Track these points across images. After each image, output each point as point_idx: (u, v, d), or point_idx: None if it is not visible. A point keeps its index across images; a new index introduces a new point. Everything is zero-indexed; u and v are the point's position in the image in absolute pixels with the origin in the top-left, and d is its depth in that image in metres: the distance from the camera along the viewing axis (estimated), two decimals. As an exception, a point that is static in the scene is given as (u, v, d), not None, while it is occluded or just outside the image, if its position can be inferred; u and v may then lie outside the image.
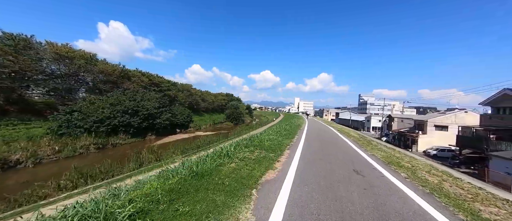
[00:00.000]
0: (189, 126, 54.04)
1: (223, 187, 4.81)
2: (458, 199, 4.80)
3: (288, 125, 24.55)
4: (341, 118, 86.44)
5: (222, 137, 33.38)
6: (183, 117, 51.08)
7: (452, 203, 4.48)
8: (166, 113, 40.26)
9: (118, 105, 32.77)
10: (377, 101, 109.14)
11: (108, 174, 14.69)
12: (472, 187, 5.88)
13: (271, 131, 17.98)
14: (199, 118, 69.74)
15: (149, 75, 49.70)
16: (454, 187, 5.75)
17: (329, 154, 8.29)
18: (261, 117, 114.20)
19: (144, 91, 42.15)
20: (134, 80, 43.59)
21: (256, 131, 35.29)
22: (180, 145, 28.28)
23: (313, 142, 12.20)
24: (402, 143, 34.69)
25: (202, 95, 78.76)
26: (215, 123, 75.80)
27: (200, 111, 78.74)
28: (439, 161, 23.23)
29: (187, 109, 57.00)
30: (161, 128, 39.28)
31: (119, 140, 31.00)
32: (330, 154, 8.43)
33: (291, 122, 26.92)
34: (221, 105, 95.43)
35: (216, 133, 51.52)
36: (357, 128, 66.97)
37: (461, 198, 4.85)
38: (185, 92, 64.53)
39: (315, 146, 10.98)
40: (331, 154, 8.83)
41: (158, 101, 39.42)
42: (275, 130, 18.76)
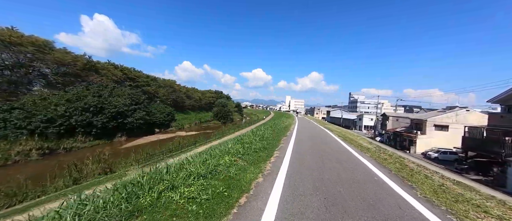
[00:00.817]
0: (170, 125, 49.23)
1: None
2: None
3: (273, 127, 20.62)
4: (332, 116, 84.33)
5: (203, 138, 29.27)
6: (163, 115, 46.17)
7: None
8: (140, 110, 35.38)
9: (77, 102, 27.67)
10: (367, 99, 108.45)
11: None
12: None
13: (248, 137, 14.27)
14: (183, 117, 64.77)
15: (123, 69, 44.28)
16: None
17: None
18: (251, 115, 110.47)
19: (115, 86, 36.96)
20: (104, 74, 38.19)
21: (239, 132, 31.47)
22: (149, 149, 23.91)
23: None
24: (398, 144, 32.07)
25: (187, 92, 73.63)
26: (201, 121, 71.00)
27: (186, 109, 73.64)
28: (441, 165, 20.54)
29: (169, 107, 52.05)
30: (134, 128, 34.42)
31: (76, 142, 26.00)
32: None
33: (276, 123, 22.47)
34: (210, 103, 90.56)
35: (199, 133, 47.11)
36: (349, 126, 64.75)
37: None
38: (167, 89, 59.36)
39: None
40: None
41: (130, 97, 34.44)
42: (257, 133, 15.04)
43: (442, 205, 3.87)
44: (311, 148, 9.31)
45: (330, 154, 8.23)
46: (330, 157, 7.80)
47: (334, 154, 8.42)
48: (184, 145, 23.79)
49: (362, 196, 4.13)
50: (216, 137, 29.43)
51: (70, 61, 31.35)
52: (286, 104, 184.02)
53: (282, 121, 26.60)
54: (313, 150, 8.92)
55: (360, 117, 59.42)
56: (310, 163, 6.72)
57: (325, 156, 7.91)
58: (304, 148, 9.36)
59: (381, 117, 42.76)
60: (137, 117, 34.19)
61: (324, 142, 11.54)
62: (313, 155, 7.87)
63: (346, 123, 67.80)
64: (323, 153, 8.45)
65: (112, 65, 41.97)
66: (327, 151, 8.96)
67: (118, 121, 31.68)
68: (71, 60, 31.68)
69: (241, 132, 33.31)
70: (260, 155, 7.54)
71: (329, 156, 7.95)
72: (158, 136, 39.74)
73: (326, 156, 7.84)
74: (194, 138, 35.64)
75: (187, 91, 73.60)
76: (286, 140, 11.63)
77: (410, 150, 28.28)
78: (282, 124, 22.27)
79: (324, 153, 8.35)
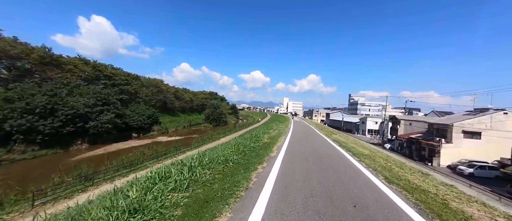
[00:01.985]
0: (151, 129, 43.45)
1: None
2: None
3: (254, 138, 14.83)
4: (332, 119, 78.97)
5: (181, 146, 23.63)
6: (142, 118, 40.36)
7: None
8: (108, 112, 29.52)
9: (19, 101, 21.83)
10: (367, 101, 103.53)
11: None
12: None
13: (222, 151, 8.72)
14: (171, 119, 58.91)
15: (96, 65, 38.44)
16: None
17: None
18: (247, 117, 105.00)
19: (80, 84, 31.12)
20: (68, 70, 32.34)
21: (223, 140, 25.81)
22: (113, 159, 18.31)
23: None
24: (415, 153, 26.65)
25: (176, 93, 67.80)
26: (191, 124, 65.19)
27: (175, 110, 67.76)
28: (482, 186, 15.14)
29: (152, 108, 46.26)
30: (101, 133, 28.58)
31: (12, 153, 20.13)
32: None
33: (256, 134, 15.80)
34: (203, 104, 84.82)
35: (183, 137, 41.41)
36: (350, 130, 59.44)
37: None
38: (151, 88, 53.53)
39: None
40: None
41: (96, 97, 28.61)
42: (234, 146, 9.51)
43: None
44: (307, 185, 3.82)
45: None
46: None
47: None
48: (147, 157, 18.09)
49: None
50: (194, 146, 23.78)
51: (18, 53, 25.51)
52: (284, 106, 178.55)
53: (266, 131, 20.86)
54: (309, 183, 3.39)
55: (363, 120, 54.07)
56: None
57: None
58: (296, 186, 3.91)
59: (388, 120, 37.33)
60: (103, 120, 28.33)
61: (334, 168, 6.05)
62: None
63: (347, 126, 62.45)
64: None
65: (81, 60, 36.11)
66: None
67: (77, 125, 25.83)
68: (20, 51, 25.84)
69: (226, 138, 27.68)
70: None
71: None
72: (134, 142, 33.88)
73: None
74: (173, 144, 30.12)
75: (176, 92, 67.79)
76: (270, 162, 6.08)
77: (433, 162, 22.82)
78: (260, 137, 16.64)
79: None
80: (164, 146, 25.34)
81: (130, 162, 15.91)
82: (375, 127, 52.00)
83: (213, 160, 6.79)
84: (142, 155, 18.92)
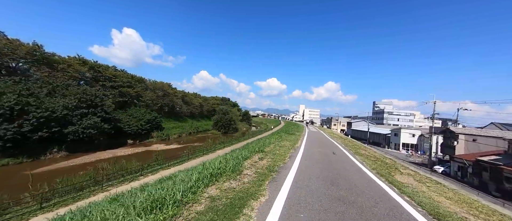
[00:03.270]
0: (150, 135, 39.41)
1: None
2: None
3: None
4: (355, 129, 69.18)
5: (166, 160, 18.40)
6: (140, 122, 36.47)
7: None
8: (93, 116, 25.58)
9: (-21, 101, 18.46)
10: (396, 110, 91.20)
11: None
12: None
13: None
14: (176, 125, 55.12)
15: (95, 65, 35.77)
16: None
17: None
18: (261, 125, 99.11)
19: (68, 85, 27.97)
20: (61, 69, 29.62)
21: (229, 148, 20.21)
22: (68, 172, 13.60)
23: None
24: (491, 185, 18.05)
25: (185, 97, 64.47)
26: (198, 130, 60.92)
27: (184, 116, 64.35)
28: None
29: (154, 112, 42.58)
30: (85, 139, 24.66)
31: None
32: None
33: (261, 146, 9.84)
34: (214, 110, 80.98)
35: (185, 145, 36.56)
36: (378, 143, 49.90)
37: None
38: (158, 92, 50.39)
39: None
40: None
41: (78, 97, 24.89)
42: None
43: None
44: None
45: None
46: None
47: None
48: (103, 175, 12.85)
49: None
50: (178, 161, 18.22)
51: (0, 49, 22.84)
52: (300, 113, 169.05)
53: (277, 140, 14.43)
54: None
55: (396, 132, 44.52)
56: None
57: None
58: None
59: (438, 134, 28.29)
60: (85, 125, 24.33)
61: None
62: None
63: (374, 138, 52.87)
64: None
65: (79, 60, 33.56)
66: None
67: (51, 129, 21.99)
68: (1, 46, 23.20)
69: (231, 147, 21.92)
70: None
71: None
72: (122, 150, 29.60)
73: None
74: (172, 152, 25.34)
75: (184, 96, 64.47)
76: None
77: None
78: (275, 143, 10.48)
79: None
80: (157, 155, 20.31)
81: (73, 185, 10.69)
82: (411, 140, 42.30)
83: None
84: (95, 173, 13.77)
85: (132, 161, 19.39)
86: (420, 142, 41.45)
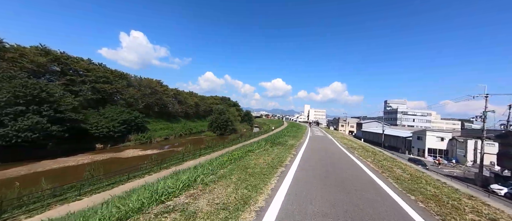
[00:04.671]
0: (127, 138, 33.59)
1: None
2: None
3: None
4: (366, 130, 61.31)
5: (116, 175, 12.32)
6: (113, 123, 30.69)
7: None
8: (34, 115, 19.81)
9: None
10: (411, 109, 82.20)
11: None
12: None
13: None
14: (166, 126, 49.36)
15: (61, 56, 30.31)
16: None
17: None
18: (263, 126, 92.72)
19: (14, 77, 22.40)
20: (12, 60, 24.21)
21: (201, 159, 14.00)
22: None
23: None
24: None
25: (178, 96, 58.76)
26: (191, 132, 55.02)
27: (176, 116, 58.69)
28: None
29: (135, 112, 36.88)
30: (22, 144, 18.98)
31: None
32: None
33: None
34: (212, 110, 75.20)
35: (166, 151, 30.57)
36: (396, 148, 42.17)
37: None
38: (144, 89, 44.73)
39: None
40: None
41: (13, 92, 19.17)
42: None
43: None
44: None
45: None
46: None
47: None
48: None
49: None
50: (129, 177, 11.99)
51: None
52: (305, 114, 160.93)
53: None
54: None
55: (420, 135, 36.73)
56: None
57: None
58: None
59: (494, 139, 20.68)
60: (20, 127, 18.54)
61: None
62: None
63: (390, 142, 45.10)
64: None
65: (38, 49, 28.12)
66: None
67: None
68: None
69: (208, 156, 15.66)
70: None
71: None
72: (85, 157, 23.80)
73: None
74: (138, 161, 19.54)
75: (177, 94, 58.77)
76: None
77: None
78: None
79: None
80: (125, 163, 14.27)
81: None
82: (439, 145, 34.48)
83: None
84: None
85: (61, 177, 13.32)
86: (451, 147, 33.62)
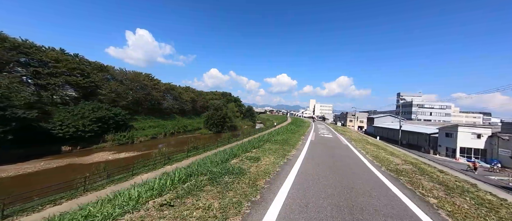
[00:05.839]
0: (103, 138, 29.10)
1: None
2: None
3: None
4: (378, 126, 54.74)
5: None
6: (83, 122, 26.14)
7: None
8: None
9: None
10: (427, 102, 74.30)
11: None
12: None
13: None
14: (156, 123, 44.80)
15: (22, 44, 25.82)
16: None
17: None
18: (266, 122, 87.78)
19: None
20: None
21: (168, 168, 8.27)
22: None
23: None
24: None
25: (172, 91, 54.03)
26: (186, 130, 50.38)
27: (171, 113, 54.18)
28: None
29: (117, 108, 32.34)
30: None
31: None
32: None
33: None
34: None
35: (139, 154, 25.83)
36: (418, 146, 35.82)
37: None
38: (128, 83, 40.06)
39: None
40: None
41: None
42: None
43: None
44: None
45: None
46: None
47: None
48: None
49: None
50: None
51: None
52: (310, 109, 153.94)
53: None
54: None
55: (449, 131, 30.19)
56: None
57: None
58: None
59: None
60: None
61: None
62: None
63: (410, 139, 38.69)
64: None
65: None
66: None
67: None
68: None
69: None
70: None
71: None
72: (37, 163, 19.29)
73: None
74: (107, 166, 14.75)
75: (171, 89, 54.05)
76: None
77: None
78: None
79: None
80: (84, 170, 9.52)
81: None
82: (476, 143, 27.99)
83: None
84: None
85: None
86: (490, 146, 27.11)
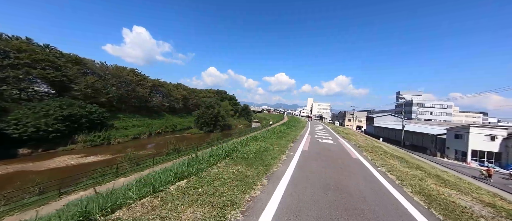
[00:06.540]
0: (73, 139, 25.70)
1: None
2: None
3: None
4: (378, 125, 51.97)
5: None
6: (46, 120, 22.70)
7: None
8: None
9: None
10: (428, 101, 71.74)
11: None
12: None
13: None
14: (142, 122, 41.33)
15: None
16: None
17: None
18: (263, 120, 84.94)
19: None
20: None
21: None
22: None
23: None
24: None
25: (161, 88, 50.47)
26: (175, 129, 47.00)
27: (160, 111, 50.72)
28: None
29: (94, 106, 28.92)
30: None
31: None
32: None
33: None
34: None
35: (111, 157, 22.52)
36: (423, 147, 32.95)
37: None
38: (110, 79, 36.55)
39: None
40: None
41: None
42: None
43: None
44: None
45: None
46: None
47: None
48: None
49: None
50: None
51: None
52: (308, 108, 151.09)
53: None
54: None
55: (459, 133, 27.30)
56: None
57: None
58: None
59: None
60: None
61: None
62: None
63: (413, 140, 35.82)
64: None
65: None
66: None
67: None
68: None
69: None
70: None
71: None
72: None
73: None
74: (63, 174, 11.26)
75: (160, 86, 50.51)
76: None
77: None
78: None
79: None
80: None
81: None
82: (489, 146, 25.11)
83: None
84: None
85: None
86: (505, 149, 24.25)
